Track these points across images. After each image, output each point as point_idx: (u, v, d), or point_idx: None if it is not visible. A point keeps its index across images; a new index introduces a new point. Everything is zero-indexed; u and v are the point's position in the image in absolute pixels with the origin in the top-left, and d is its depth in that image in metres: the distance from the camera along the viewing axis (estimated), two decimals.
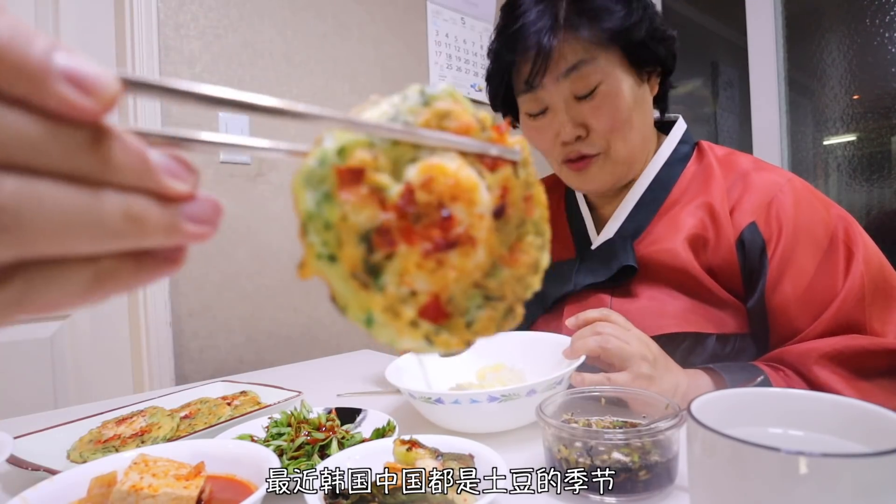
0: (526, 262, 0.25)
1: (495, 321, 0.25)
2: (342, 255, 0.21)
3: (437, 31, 2.02)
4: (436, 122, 0.22)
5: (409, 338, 0.22)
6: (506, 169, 0.24)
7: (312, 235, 0.21)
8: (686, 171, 0.81)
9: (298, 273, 0.21)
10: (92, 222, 0.16)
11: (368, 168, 0.21)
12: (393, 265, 0.21)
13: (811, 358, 0.65)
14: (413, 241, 0.21)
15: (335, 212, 0.21)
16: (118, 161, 0.17)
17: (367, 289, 0.21)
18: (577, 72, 0.73)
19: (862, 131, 1.95)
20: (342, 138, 0.21)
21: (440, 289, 0.22)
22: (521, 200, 0.25)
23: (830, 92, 1.99)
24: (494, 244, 0.24)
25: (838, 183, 2.01)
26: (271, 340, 1.57)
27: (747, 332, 0.74)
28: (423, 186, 0.21)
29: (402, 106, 0.23)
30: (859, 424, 0.37)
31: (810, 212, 0.72)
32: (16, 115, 0.15)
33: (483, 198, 0.22)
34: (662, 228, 0.78)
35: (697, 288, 0.73)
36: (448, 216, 0.21)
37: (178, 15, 1.42)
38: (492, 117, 0.24)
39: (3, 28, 0.14)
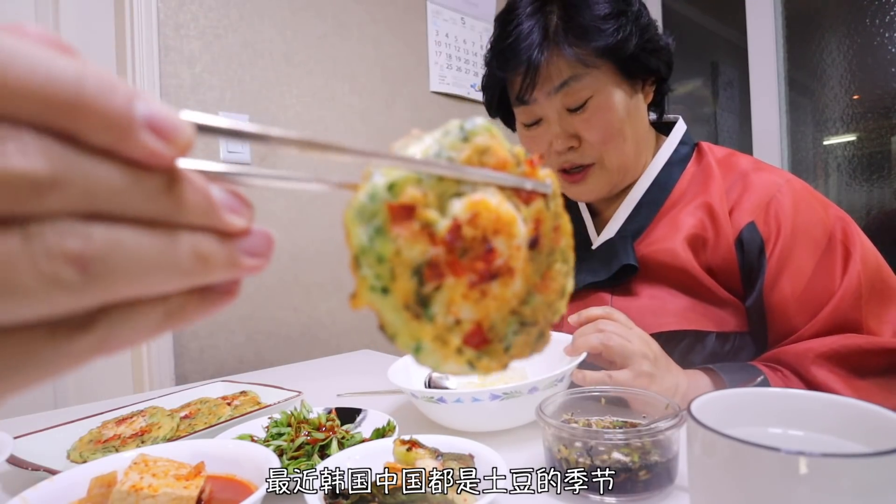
0: (555, 288, 0.27)
1: (529, 345, 0.26)
2: (395, 287, 0.22)
3: (437, 31, 2.02)
4: (477, 158, 0.24)
5: (453, 363, 0.24)
6: (538, 201, 0.25)
7: (365, 269, 0.22)
8: (686, 172, 0.82)
9: (351, 303, 0.22)
10: (168, 264, 0.17)
11: (419, 204, 0.22)
12: (441, 296, 0.23)
13: (808, 358, 0.65)
14: (459, 273, 0.23)
15: (388, 247, 0.22)
16: (189, 202, 0.17)
17: (419, 319, 0.23)
18: (567, 87, 0.74)
19: (862, 131, 1.95)
20: (391, 174, 0.22)
21: (483, 317, 0.24)
22: (551, 231, 0.26)
23: (830, 92, 1.99)
24: (529, 273, 0.25)
25: (838, 183, 2.01)
26: (271, 340, 1.57)
27: (746, 330, 0.74)
28: (469, 222, 0.22)
29: (444, 141, 0.24)
30: (859, 424, 0.37)
31: (809, 212, 0.72)
32: (102, 166, 0.15)
33: (521, 230, 0.24)
34: (662, 229, 0.78)
35: (697, 287, 0.74)
36: (491, 249, 0.23)
37: (178, 15, 1.42)
38: (524, 152, 0.26)
39: (90, 79, 0.14)
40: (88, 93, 0.14)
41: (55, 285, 0.14)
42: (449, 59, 2.05)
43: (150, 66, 1.36)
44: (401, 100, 1.90)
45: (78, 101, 0.14)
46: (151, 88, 1.36)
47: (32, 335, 0.15)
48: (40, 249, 0.14)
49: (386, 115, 1.86)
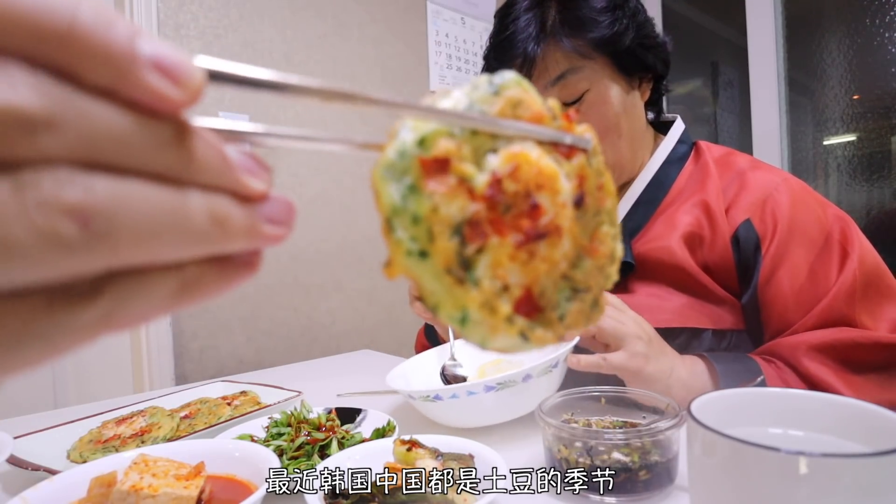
0: (605, 252, 0.25)
1: (585, 313, 0.24)
2: (434, 249, 0.20)
3: (437, 31, 2.02)
4: (511, 111, 0.22)
5: (504, 335, 0.21)
6: (580, 157, 0.23)
7: (400, 231, 0.20)
8: (683, 170, 0.82)
9: (385, 272, 0.20)
10: (180, 225, 0.15)
11: (454, 157, 0.20)
12: (485, 258, 0.21)
13: (801, 349, 0.66)
14: (504, 232, 0.20)
15: (424, 204, 0.20)
16: (201, 158, 0.15)
17: (462, 284, 0.20)
18: (564, 80, 0.74)
19: (862, 131, 1.95)
20: (421, 128, 0.20)
21: (532, 281, 0.22)
22: (595, 189, 0.24)
23: (830, 92, 1.99)
24: (577, 234, 0.23)
25: (838, 183, 2.01)
26: (271, 340, 1.57)
27: (743, 328, 0.75)
28: (509, 175, 0.20)
29: (474, 95, 0.22)
30: (859, 424, 0.37)
31: (805, 210, 0.73)
32: (103, 107, 0.13)
33: (565, 186, 0.22)
34: (659, 227, 0.79)
35: (694, 285, 0.74)
36: (536, 205, 0.21)
37: (178, 15, 1.42)
38: (559, 105, 0.24)
39: (85, 10, 0.13)
40: (84, 24, 0.13)
41: (53, 242, 0.12)
42: (449, 59, 2.05)
43: None
44: None
45: (72, 32, 0.13)
46: None
47: (28, 305, 0.13)
48: (34, 199, 0.12)
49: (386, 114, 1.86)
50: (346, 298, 1.74)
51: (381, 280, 1.84)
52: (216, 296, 0.18)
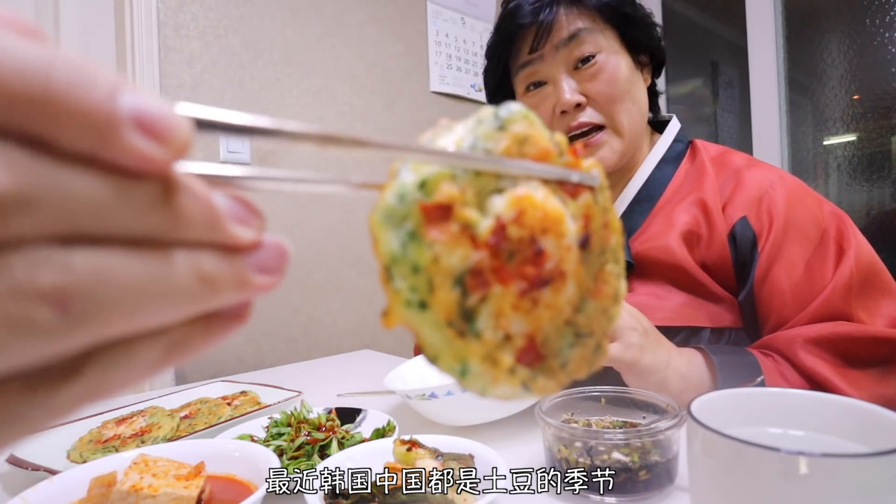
0: (609, 292, 0.24)
1: (587, 359, 0.23)
2: (435, 301, 0.19)
3: (437, 31, 2.02)
4: (516, 149, 0.21)
5: (505, 385, 0.21)
6: (587, 195, 0.22)
7: (399, 281, 0.19)
8: (680, 169, 0.83)
9: (383, 322, 0.19)
10: (167, 292, 0.14)
11: (457, 203, 0.19)
12: (487, 308, 0.20)
13: (797, 342, 0.66)
14: (507, 280, 0.20)
15: (425, 253, 0.19)
16: (188, 214, 0.14)
17: (464, 337, 0.20)
18: (575, 40, 0.76)
19: (862, 131, 1.95)
20: (422, 170, 0.19)
21: (535, 330, 0.21)
22: (601, 227, 0.23)
23: (830, 92, 1.99)
24: (582, 277, 0.22)
25: (838, 183, 2.01)
26: (271, 340, 1.57)
27: (741, 326, 0.75)
28: (514, 221, 0.20)
29: (478, 131, 0.21)
30: (859, 424, 0.37)
31: (801, 207, 0.73)
32: (82, 176, 0.12)
33: (570, 228, 0.21)
34: (657, 226, 0.79)
35: (692, 283, 0.74)
36: (540, 251, 0.20)
37: (178, 15, 1.42)
38: (566, 141, 0.23)
39: (61, 68, 0.11)
40: (59, 85, 0.11)
41: (27, 331, 0.11)
42: (449, 59, 2.05)
43: (150, 66, 1.36)
44: (401, 100, 1.90)
45: (47, 95, 0.11)
46: (151, 88, 1.36)
47: (2, 391, 0.12)
48: (6, 287, 0.11)
49: (386, 115, 1.86)
50: (346, 298, 1.74)
51: None
52: (203, 352, 0.17)
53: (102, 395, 0.14)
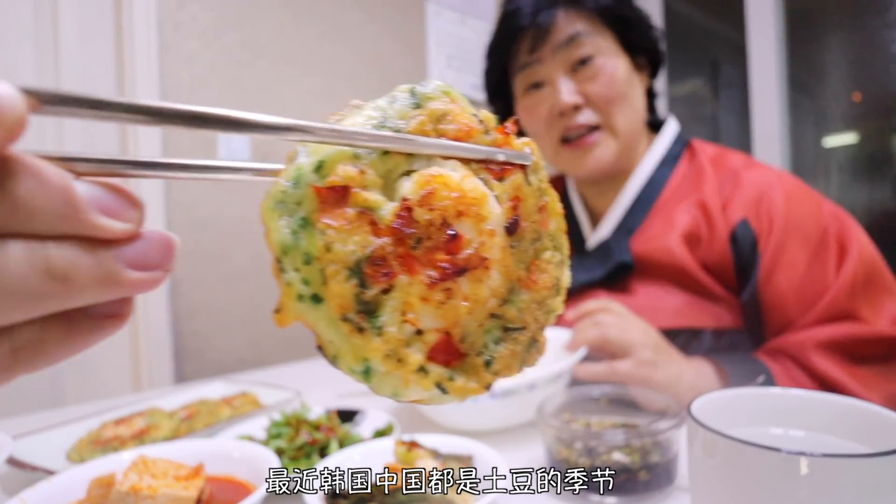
0: (546, 282, 0.22)
1: (518, 356, 0.21)
2: (328, 293, 0.17)
3: (437, 31, 2.02)
4: (432, 127, 0.19)
5: (417, 387, 0.19)
6: (516, 176, 0.20)
7: (290, 272, 0.18)
8: (678, 170, 0.83)
9: (276, 320, 0.18)
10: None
11: (354, 185, 0.18)
12: (392, 300, 0.18)
13: (808, 346, 0.66)
14: (414, 269, 0.18)
15: (316, 241, 0.17)
16: (32, 202, 0.13)
17: (363, 333, 0.18)
18: (574, 42, 0.76)
19: (863, 131, 1.95)
20: (320, 151, 0.18)
21: (451, 324, 0.19)
22: (535, 211, 0.21)
23: (831, 91, 1.99)
24: (510, 265, 0.20)
25: (839, 183, 2.01)
26: (271, 340, 1.57)
27: (742, 326, 0.75)
28: (422, 202, 0.18)
29: (390, 110, 0.19)
30: (860, 424, 0.37)
31: (801, 208, 0.73)
32: None
33: (493, 211, 0.19)
34: (657, 227, 0.79)
35: (693, 284, 0.74)
36: (454, 236, 0.18)
37: (178, 14, 1.42)
38: (494, 116, 0.21)
39: None
40: None
41: None
42: (449, 59, 2.05)
43: (149, 65, 1.36)
44: None
45: None
46: (151, 88, 1.36)
47: None
48: None
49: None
50: None
51: None
52: (69, 356, 0.15)
53: None
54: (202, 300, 1.45)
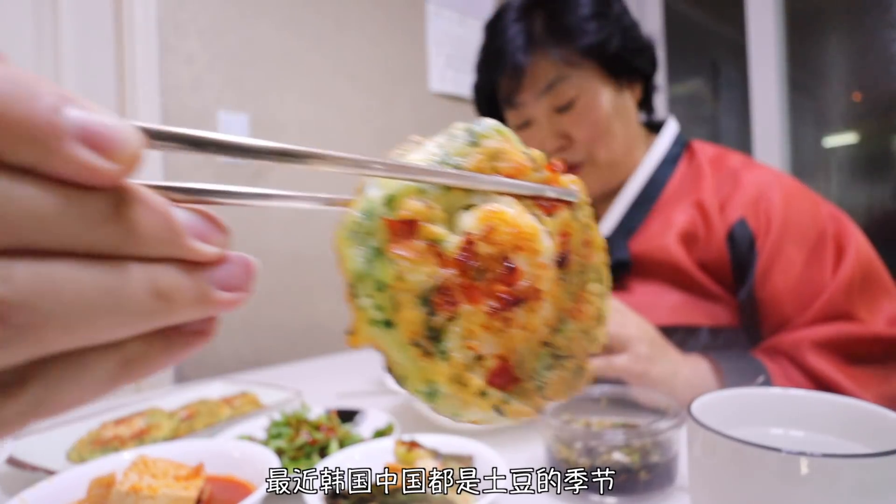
0: (591, 312, 0.23)
1: (567, 382, 0.22)
2: (399, 319, 0.19)
3: (437, 31, 2.02)
4: (488, 164, 0.21)
5: (476, 409, 0.20)
6: (564, 212, 0.22)
7: (364, 298, 0.19)
8: (677, 170, 0.84)
9: (349, 341, 0.19)
10: (119, 305, 0.14)
11: (422, 218, 0.19)
12: (456, 328, 0.19)
13: (804, 345, 0.66)
14: (477, 299, 0.19)
15: (389, 270, 0.18)
16: (143, 228, 0.14)
17: (430, 357, 0.19)
18: (554, 88, 0.76)
19: (863, 131, 1.95)
20: (389, 186, 0.19)
21: (508, 351, 0.20)
22: (581, 245, 0.23)
23: (831, 91, 1.99)
24: (559, 296, 0.21)
25: (839, 183, 2.01)
26: (271, 340, 1.57)
27: (738, 324, 0.75)
28: (484, 237, 0.19)
29: (449, 147, 0.21)
30: (860, 425, 0.37)
31: (799, 208, 0.74)
32: (24, 187, 0.12)
33: (546, 245, 0.20)
34: (655, 226, 0.80)
35: (689, 283, 0.75)
36: (513, 269, 0.19)
37: (178, 14, 1.42)
38: (544, 155, 0.23)
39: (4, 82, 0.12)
40: (2, 98, 0.12)
41: None
42: (449, 59, 2.05)
43: (149, 65, 1.36)
44: (401, 100, 1.90)
45: None
46: (151, 88, 1.36)
47: None
48: None
49: (386, 115, 1.86)
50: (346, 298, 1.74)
51: None
52: (164, 369, 0.16)
53: (51, 411, 0.14)
54: None
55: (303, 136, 1.64)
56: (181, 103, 1.42)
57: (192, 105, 1.44)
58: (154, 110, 1.37)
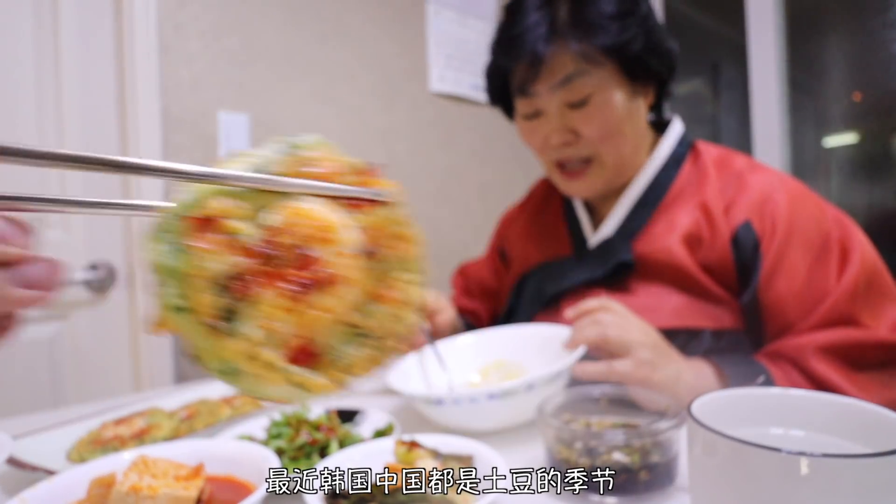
0: (398, 298, 0.26)
1: (374, 359, 0.25)
2: (196, 304, 0.21)
3: (437, 31, 2.02)
4: (298, 169, 0.23)
5: (274, 384, 0.22)
6: (377, 211, 0.25)
7: (165, 287, 0.21)
8: (682, 171, 0.83)
9: (152, 329, 0.21)
10: None
11: (224, 216, 0.21)
12: (252, 309, 0.21)
13: (807, 350, 0.66)
14: (273, 283, 0.21)
15: (188, 260, 0.21)
16: None
17: (223, 336, 0.21)
18: (570, 83, 0.75)
19: (863, 131, 1.95)
20: (198, 189, 0.22)
21: (309, 331, 0.22)
22: (392, 238, 0.25)
23: (831, 92, 1.99)
24: (367, 283, 0.24)
25: (839, 183, 2.01)
26: None
27: (742, 328, 0.75)
28: (283, 229, 0.22)
29: (268, 155, 0.24)
30: (860, 424, 0.37)
31: (803, 212, 0.73)
32: None
33: (345, 237, 0.23)
34: (659, 228, 0.79)
35: (693, 285, 0.74)
36: (308, 256, 0.22)
37: (178, 15, 1.42)
38: (366, 163, 0.26)
39: None
40: None
41: None
42: (449, 59, 2.05)
43: (149, 65, 1.36)
44: (401, 100, 1.90)
45: None
46: (151, 88, 1.36)
47: None
48: None
49: (386, 115, 1.86)
50: None
51: None
52: None
53: None
54: None
55: None
56: (181, 103, 1.42)
57: (192, 105, 1.44)
58: (154, 111, 1.37)
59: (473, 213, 2.10)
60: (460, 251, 2.06)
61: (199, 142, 1.45)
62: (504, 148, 2.23)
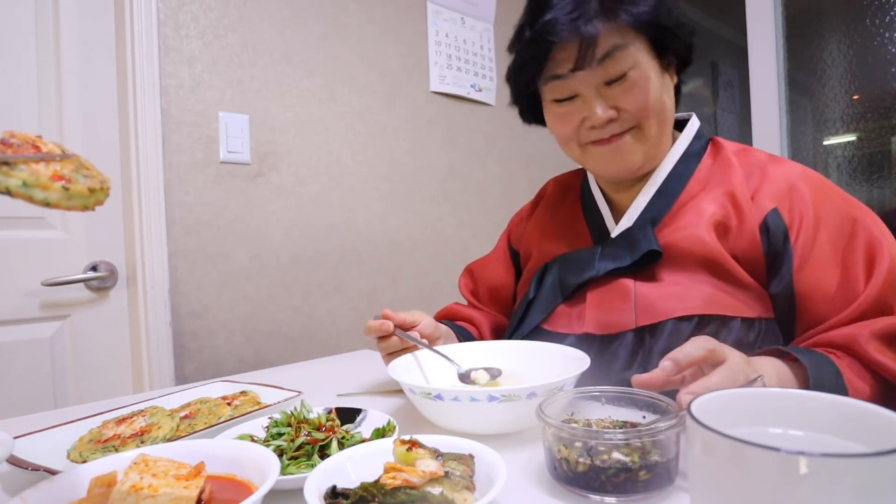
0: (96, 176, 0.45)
1: (98, 179, 0.44)
2: None
3: (437, 31, 2.02)
4: None
5: (49, 190, 0.40)
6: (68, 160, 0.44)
7: None
8: (702, 163, 0.83)
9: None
10: None
11: None
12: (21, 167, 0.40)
13: (861, 339, 0.65)
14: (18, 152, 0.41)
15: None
16: None
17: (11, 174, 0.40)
18: (610, 58, 0.74)
19: (862, 131, 1.95)
20: None
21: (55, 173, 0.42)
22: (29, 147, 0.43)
23: (830, 92, 1.99)
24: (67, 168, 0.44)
25: (838, 183, 2.01)
26: (271, 340, 1.57)
27: (772, 316, 0.74)
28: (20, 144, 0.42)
29: None
30: (859, 424, 0.37)
31: (828, 202, 0.74)
32: None
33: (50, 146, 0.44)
34: (686, 216, 0.79)
35: (722, 273, 0.74)
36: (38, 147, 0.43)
37: (178, 15, 1.42)
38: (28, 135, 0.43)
39: None
40: None
41: None
42: (449, 59, 2.05)
43: (150, 66, 1.36)
44: (401, 100, 1.90)
45: None
46: (151, 88, 1.36)
47: None
48: None
49: (386, 115, 1.86)
50: (346, 298, 1.74)
51: (381, 280, 1.84)
52: None
53: None
54: (202, 300, 1.45)
55: (303, 136, 1.64)
56: (182, 104, 1.42)
57: (192, 106, 1.44)
58: (155, 111, 1.37)
59: (473, 213, 2.10)
60: (460, 251, 2.06)
61: (199, 142, 1.45)
62: (504, 148, 2.23)
